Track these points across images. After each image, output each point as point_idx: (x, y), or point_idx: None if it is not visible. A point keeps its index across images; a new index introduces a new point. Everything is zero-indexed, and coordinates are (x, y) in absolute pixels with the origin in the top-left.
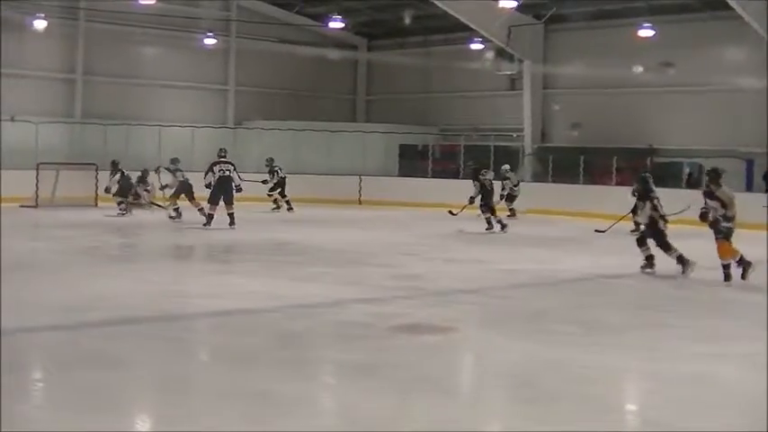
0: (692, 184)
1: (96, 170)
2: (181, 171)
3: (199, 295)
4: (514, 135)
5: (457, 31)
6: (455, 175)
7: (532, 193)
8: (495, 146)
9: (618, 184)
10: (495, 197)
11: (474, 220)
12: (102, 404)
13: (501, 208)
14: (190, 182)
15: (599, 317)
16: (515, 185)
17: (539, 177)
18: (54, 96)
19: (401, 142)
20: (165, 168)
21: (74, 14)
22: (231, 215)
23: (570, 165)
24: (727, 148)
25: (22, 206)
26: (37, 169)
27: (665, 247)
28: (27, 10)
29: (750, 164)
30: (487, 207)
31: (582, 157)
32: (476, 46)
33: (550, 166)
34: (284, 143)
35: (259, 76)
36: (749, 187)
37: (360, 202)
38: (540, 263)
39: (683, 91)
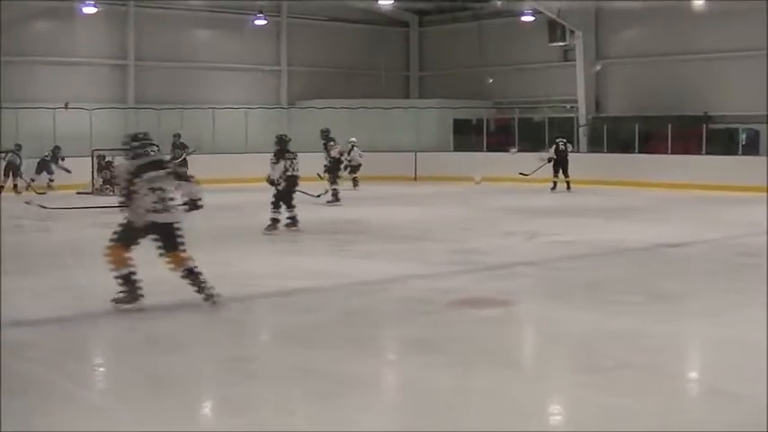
0: (748, 149)
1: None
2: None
3: (259, 275)
4: (568, 106)
5: (508, 2)
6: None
7: (588, 164)
8: (549, 118)
9: (674, 152)
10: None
11: (531, 192)
12: (165, 388)
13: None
14: None
15: (661, 286)
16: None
17: (594, 148)
18: (107, 83)
19: (455, 117)
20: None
21: (123, 0)
22: None
23: (625, 134)
24: None
25: (78, 192)
26: (92, 156)
27: None
28: None
29: None
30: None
31: (636, 126)
32: (527, 18)
33: (605, 136)
34: (339, 122)
35: (311, 56)
36: None
37: (415, 179)
38: (599, 233)
39: (738, 57)
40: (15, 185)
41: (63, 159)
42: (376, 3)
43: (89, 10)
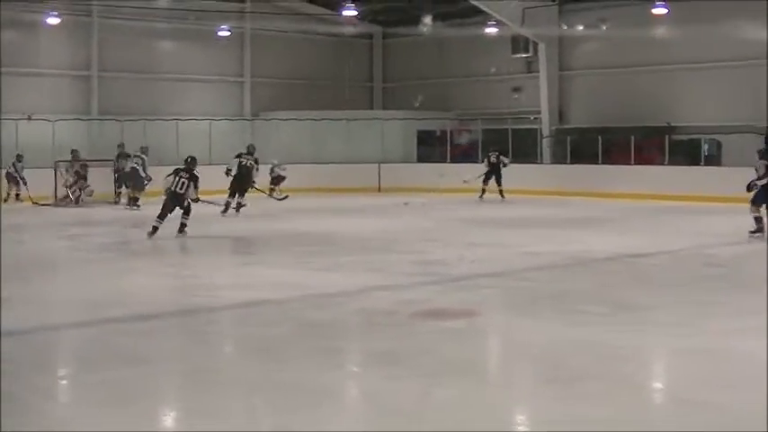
0: (710, 159)
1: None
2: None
3: (223, 287)
4: (532, 117)
5: (471, 15)
6: (474, 159)
7: (552, 175)
8: (512, 129)
9: (637, 162)
10: None
11: (496, 203)
12: (130, 400)
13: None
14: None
15: (625, 296)
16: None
17: (558, 159)
18: (70, 94)
19: (419, 128)
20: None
21: (87, 11)
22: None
23: (589, 145)
24: (745, 124)
25: (38, 204)
26: (55, 167)
27: None
28: (40, 8)
29: None
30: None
31: (600, 138)
32: (490, 30)
33: (569, 147)
34: (302, 133)
35: (275, 67)
36: None
37: (380, 190)
38: (563, 244)
39: (700, 68)
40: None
41: (22, 168)
42: (339, 15)
43: (53, 21)
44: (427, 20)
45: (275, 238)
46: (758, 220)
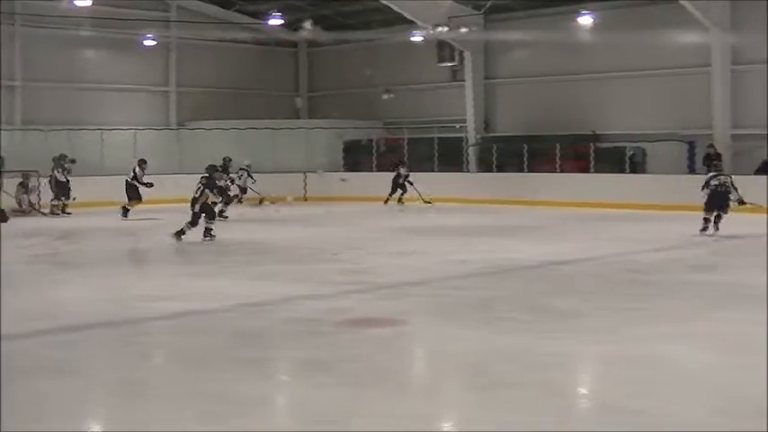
0: (635, 167)
1: (38, 177)
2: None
3: (153, 298)
4: (457, 126)
5: (397, 24)
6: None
7: (478, 183)
8: (439, 137)
9: (562, 170)
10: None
11: (421, 212)
12: (58, 412)
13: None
14: None
15: (551, 303)
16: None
17: (483, 167)
18: None
19: (345, 138)
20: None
21: (9, 19)
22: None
23: (514, 153)
24: (670, 132)
25: None
26: None
27: None
28: None
29: (692, 146)
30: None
31: (526, 146)
32: (417, 39)
33: (495, 155)
34: (228, 143)
35: (200, 77)
36: (691, 169)
37: (306, 199)
38: (489, 252)
39: (626, 76)
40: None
41: None
42: (266, 24)
43: None
44: (307, 24)
45: (205, 249)
46: (707, 220)
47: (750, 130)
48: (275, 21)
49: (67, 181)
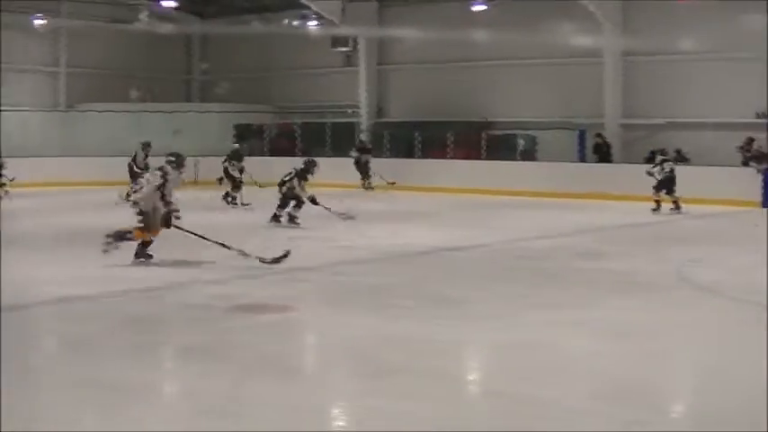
0: (526, 155)
1: None
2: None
3: (40, 283)
4: (350, 111)
5: (291, 8)
6: (292, 153)
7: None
8: (332, 123)
9: (454, 157)
10: None
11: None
12: None
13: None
14: None
15: (442, 290)
16: None
17: (375, 153)
18: None
19: (236, 122)
20: None
21: None
22: None
23: (406, 139)
24: (561, 120)
25: None
26: None
27: None
28: None
29: (582, 135)
30: None
31: (417, 132)
32: (310, 23)
33: (387, 141)
34: (119, 126)
35: (91, 58)
36: (582, 158)
37: (196, 183)
38: (380, 238)
39: (517, 65)
40: None
41: None
42: (158, 5)
43: None
44: (143, 15)
45: (92, 233)
46: (657, 202)
47: (639, 120)
48: (168, 3)
49: None
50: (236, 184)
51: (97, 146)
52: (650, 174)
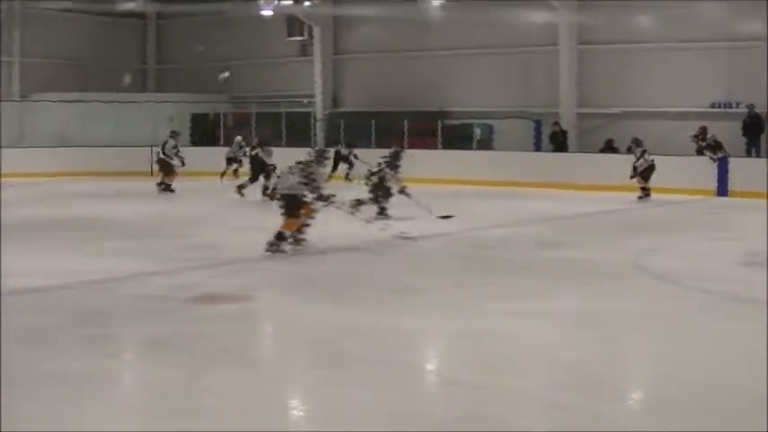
0: (482, 144)
1: None
2: None
3: None
4: (305, 101)
5: None
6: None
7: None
8: (287, 112)
9: (410, 146)
10: None
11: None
12: None
13: None
14: None
15: (398, 279)
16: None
17: (330, 143)
18: None
19: (192, 111)
20: None
21: None
22: None
23: (362, 129)
24: (517, 109)
25: None
26: None
27: None
28: None
29: (538, 124)
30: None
31: (373, 122)
32: (266, 12)
33: (342, 131)
34: (73, 116)
35: (45, 47)
36: (538, 147)
37: (152, 174)
38: (337, 228)
39: (473, 54)
40: None
41: None
42: None
43: None
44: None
45: (47, 224)
46: (644, 189)
47: (595, 109)
48: None
49: None
50: (268, 173)
51: (51, 136)
52: (636, 168)
